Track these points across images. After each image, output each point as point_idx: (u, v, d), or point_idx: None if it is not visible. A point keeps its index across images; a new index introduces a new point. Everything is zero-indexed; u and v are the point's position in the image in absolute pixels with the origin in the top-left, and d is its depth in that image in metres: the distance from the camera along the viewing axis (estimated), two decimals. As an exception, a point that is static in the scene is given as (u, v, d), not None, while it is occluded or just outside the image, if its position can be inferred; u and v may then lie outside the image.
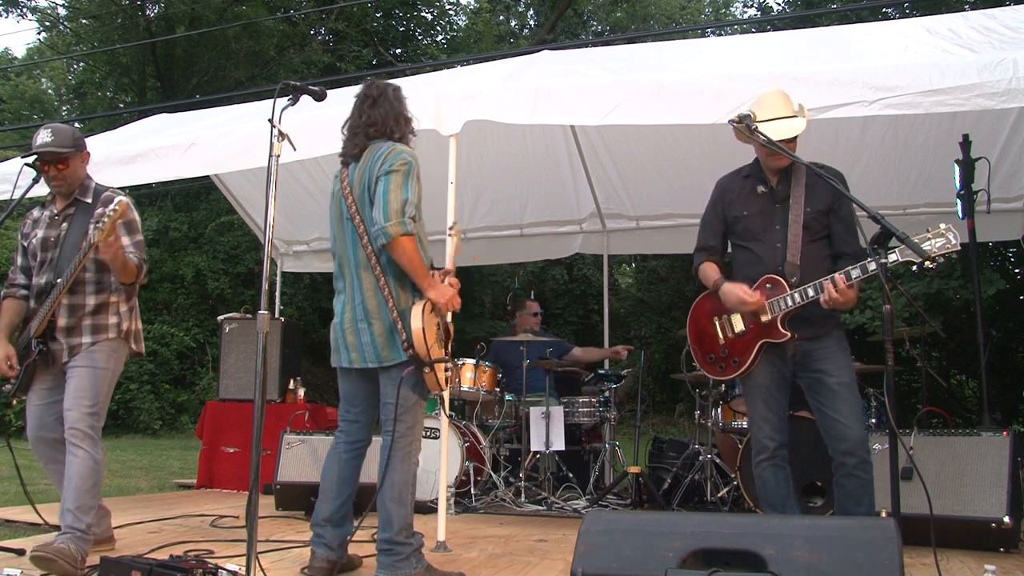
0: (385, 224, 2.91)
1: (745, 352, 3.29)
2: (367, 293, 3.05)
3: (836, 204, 3.28)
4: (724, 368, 3.38)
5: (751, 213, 3.37)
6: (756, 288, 3.26)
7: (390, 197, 2.93)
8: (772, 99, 3.23)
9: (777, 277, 3.24)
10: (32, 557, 3.00)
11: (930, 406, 5.62)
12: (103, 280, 3.42)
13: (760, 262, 3.31)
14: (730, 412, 5.07)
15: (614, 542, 2.15)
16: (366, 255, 3.04)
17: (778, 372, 3.30)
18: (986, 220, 4.87)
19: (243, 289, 14.54)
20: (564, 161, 6.32)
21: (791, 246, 3.24)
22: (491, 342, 6.52)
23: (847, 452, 3.12)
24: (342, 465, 3.20)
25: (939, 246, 2.89)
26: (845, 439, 3.13)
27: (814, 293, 3.13)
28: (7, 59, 24.27)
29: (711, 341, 3.43)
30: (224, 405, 6.27)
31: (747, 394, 3.41)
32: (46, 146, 3.36)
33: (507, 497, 5.24)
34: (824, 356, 3.22)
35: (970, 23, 3.92)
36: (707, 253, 3.51)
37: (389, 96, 3.19)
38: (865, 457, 3.12)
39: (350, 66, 17.10)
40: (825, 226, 3.29)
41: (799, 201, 3.27)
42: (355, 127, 3.17)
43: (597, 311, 16.24)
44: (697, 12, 23.97)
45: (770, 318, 3.21)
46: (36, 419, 3.42)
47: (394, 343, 3.01)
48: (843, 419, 3.14)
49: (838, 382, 3.18)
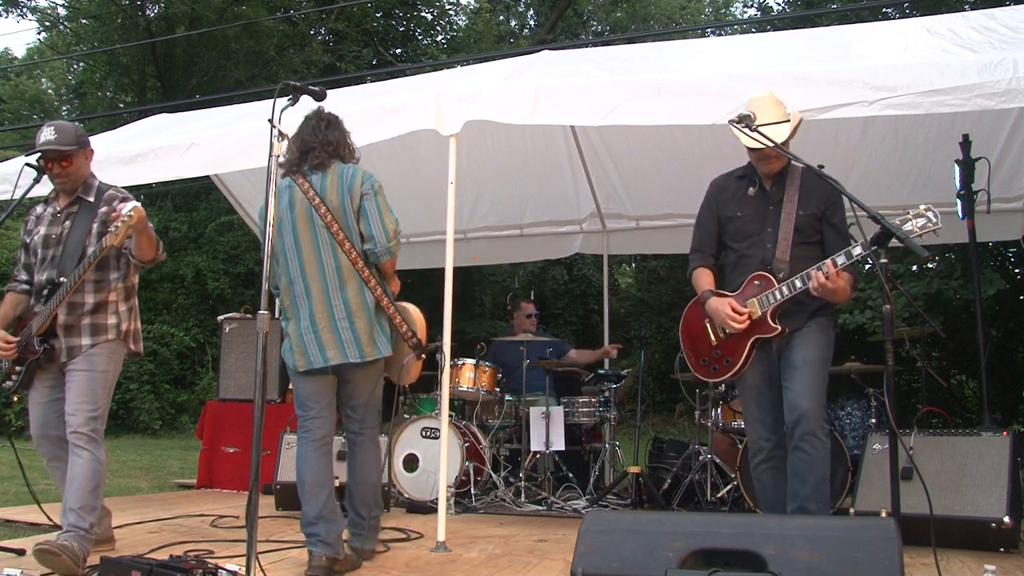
0: (389, 244, 3.29)
1: (737, 351, 3.28)
2: (351, 293, 3.26)
3: (829, 211, 3.28)
4: (717, 370, 3.36)
5: (744, 214, 3.37)
6: (745, 287, 3.27)
7: (384, 219, 3.30)
8: (760, 104, 3.19)
9: (765, 273, 3.25)
10: (36, 551, 3.01)
11: (930, 406, 5.62)
12: (103, 279, 3.42)
13: (748, 262, 3.32)
14: (730, 412, 5.07)
15: (614, 542, 2.15)
16: (350, 259, 3.26)
17: (766, 370, 3.29)
18: (986, 220, 4.87)
19: (243, 289, 14.55)
20: (564, 161, 6.31)
21: (781, 244, 3.24)
22: (491, 342, 6.52)
23: (795, 422, 3.09)
24: (315, 463, 3.32)
25: (920, 225, 2.91)
26: (794, 409, 3.10)
27: (801, 284, 3.12)
28: (7, 59, 24.28)
29: (703, 344, 3.42)
30: (224, 405, 6.27)
31: (740, 395, 3.41)
32: (50, 143, 3.36)
33: (507, 497, 5.24)
34: (799, 338, 3.22)
35: (970, 23, 3.92)
36: (701, 256, 3.51)
37: (340, 124, 3.51)
38: (813, 430, 3.07)
39: (350, 66, 17.10)
40: (817, 231, 3.29)
41: (792, 202, 3.28)
42: (312, 143, 3.39)
43: (597, 311, 16.24)
44: (697, 12, 23.96)
45: (760, 314, 3.22)
46: (39, 417, 3.44)
47: (375, 340, 3.27)
48: (795, 388, 3.12)
49: (801, 357, 3.17)
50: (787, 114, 3.19)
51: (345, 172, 3.35)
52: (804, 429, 3.07)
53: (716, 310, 3.29)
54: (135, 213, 3.10)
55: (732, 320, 3.23)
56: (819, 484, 3.09)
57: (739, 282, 3.32)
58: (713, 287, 3.39)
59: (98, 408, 3.33)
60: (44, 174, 3.47)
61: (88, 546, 3.17)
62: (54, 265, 3.37)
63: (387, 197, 3.39)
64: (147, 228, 3.27)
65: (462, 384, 5.60)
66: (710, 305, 3.32)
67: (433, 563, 3.43)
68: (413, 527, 4.24)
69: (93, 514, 3.24)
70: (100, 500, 3.36)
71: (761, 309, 3.21)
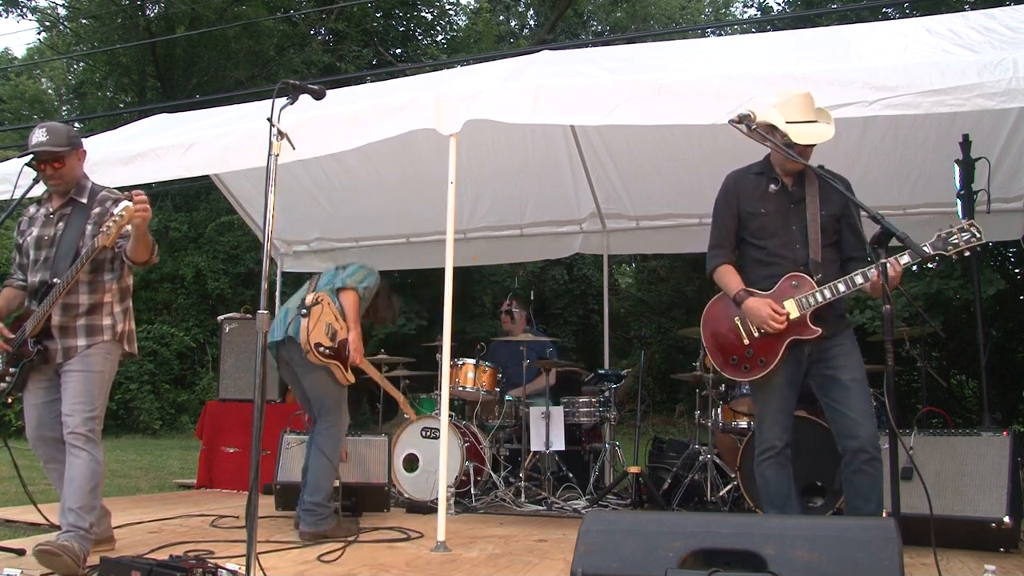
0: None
1: (772, 351, 3.24)
2: None
3: (846, 211, 3.30)
4: (749, 369, 3.30)
5: (768, 211, 3.35)
6: (780, 286, 3.25)
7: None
8: (801, 101, 3.21)
9: (802, 274, 3.23)
10: (37, 551, 3.01)
11: (930, 406, 5.61)
12: (97, 280, 3.42)
13: (779, 261, 3.29)
14: (730, 412, 5.07)
15: (614, 542, 2.15)
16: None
17: (794, 372, 3.29)
18: (986, 220, 4.81)
19: (243, 289, 14.55)
20: (564, 161, 6.31)
21: (812, 245, 3.24)
22: (491, 342, 6.51)
23: (858, 449, 3.11)
24: None
25: (965, 240, 2.97)
26: (856, 436, 3.12)
27: (845, 288, 3.13)
28: (7, 59, 24.29)
29: (733, 342, 3.34)
30: (224, 405, 6.27)
31: (761, 393, 3.34)
32: (41, 145, 3.35)
33: (507, 497, 5.24)
34: (839, 353, 3.23)
35: (970, 23, 3.92)
36: (723, 252, 3.46)
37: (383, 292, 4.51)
38: (875, 454, 3.11)
39: (350, 66, 17.09)
40: (836, 231, 3.31)
41: (815, 202, 3.28)
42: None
43: (597, 311, 16.23)
44: (697, 12, 23.97)
45: (799, 315, 3.20)
46: (35, 419, 3.43)
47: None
48: (855, 415, 3.13)
49: (851, 379, 3.18)
50: (818, 115, 3.23)
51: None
52: (869, 455, 3.10)
53: (756, 310, 3.24)
54: (126, 213, 3.09)
55: (774, 321, 3.20)
56: (880, 502, 3.13)
57: (769, 282, 3.29)
58: (743, 285, 3.35)
59: (95, 408, 3.32)
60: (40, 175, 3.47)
61: (88, 546, 3.17)
62: (47, 266, 3.37)
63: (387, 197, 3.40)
64: (146, 233, 3.26)
65: (462, 384, 5.60)
66: (748, 304, 3.27)
67: (433, 563, 3.43)
68: (413, 527, 4.25)
69: (93, 514, 3.24)
70: (99, 500, 3.35)
71: (800, 311, 3.20)
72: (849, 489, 3.19)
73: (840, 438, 3.19)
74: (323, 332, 3.99)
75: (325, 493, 4.00)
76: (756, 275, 3.36)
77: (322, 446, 4.06)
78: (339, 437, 4.16)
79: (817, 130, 3.19)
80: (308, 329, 3.95)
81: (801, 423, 4.19)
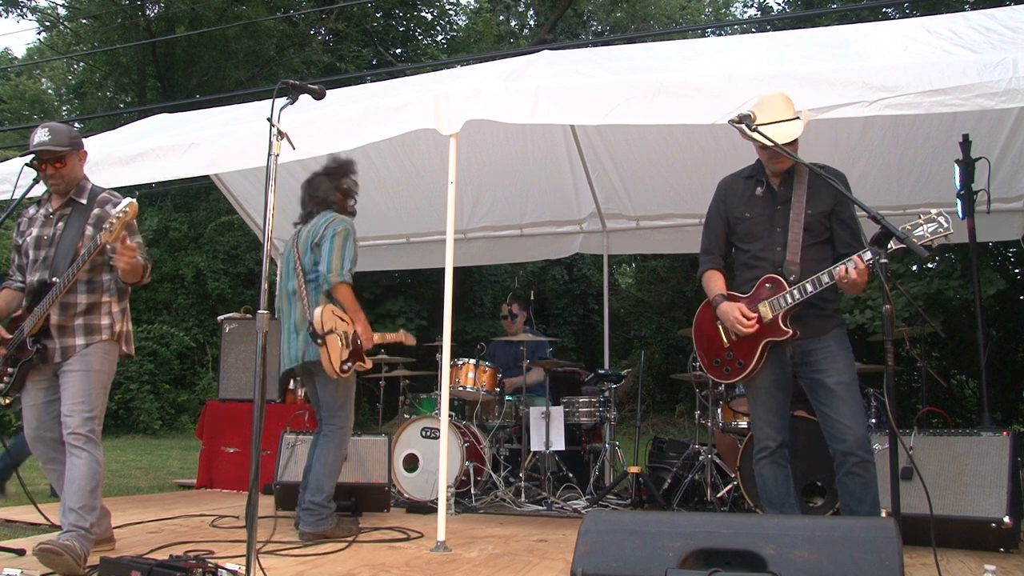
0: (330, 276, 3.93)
1: (749, 354, 3.29)
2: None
3: (838, 207, 3.28)
4: (730, 371, 3.36)
5: (753, 215, 3.37)
6: (756, 289, 3.27)
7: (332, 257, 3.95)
8: (773, 102, 3.21)
9: (776, 276, 3.25)
10: (38, 551, 3.00)
11: (930, 406, 5.62)
12: (95, 280, 3.42)
13: (760, 264, 3.32)
14: (730, 412, 5.07)
15: (614, 542, 2.15)
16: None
17: (779, 373, 3.30)
18: (986, 220, 4.86)
19: (243, 289, 14.55)
20: (564, 161, 6.31)
21: (791, 245, 3.24)
22: (491, 342, 6.51)
23: (847, 452, 3.13)
24: None
25: (931, 231, 2.89)
26: (844, 439, 3.13)
27: (812, 288, 3.13)
28: (7, 59, 24.27)
29: (716, 346, 3.42)
30: (224, 405, 6.27)
31: (749, 395, 3.41)
32: (43, 145, 3.35)
33: (507, 497, 5.24)
34: (824, 356, 3.23)
35: (970, 23, 3.91)
36: (711, 258, 3.51)
37: (338, 171, 4.33)
38: (865, 456, 3.12)
39: (350, 66, 17.11)
40: (827, 228, 3.29)
41: (800, 201, 3.28)
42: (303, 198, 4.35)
43: (597, 311, 16.24)
44: (697, 12, 23.97)
45: (771, 317, 3.22)
46: (34, 419, 3.43)
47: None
48: (842, 418, 3.14)
49: (837, 382, 3.18)
50: (796, 112, 3.20)
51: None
52: (858, 457, 3.11)
53: (725, 314, 3.31)
54: (130, 209, 3.10)
55: (740, 324, 3.24)
56: (875, 502, 3.14)
57: (749, 285, 3.32)
58: (724, 290, 3.40)
59: (95, 408, 3.32)
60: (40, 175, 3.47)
61: (89, 546, 3.18)
62: (46, 266, 3.37)
63: (387, 197, 3.41)
64: (134, 262, 3.23)
65: (462, 384, 5.60)
66: (721, 309, 3.34)
67: (433, 563, 3.43)
68: (413, 527, 4.25)
69: (93, 514, 3.24)
70: (99, 500, 3.35)
71: (772, 312, 3.22)
72: (843, 491, 3.20)
73: (829, 441, 3.21)
74: (341, 348, 3.89)
75: (326, 493, 4.00)
76: (741, 278, 3.39)
77: (328, 446, 4.05)
78: (345, 438, 4.14)
79: (782, 129, 3.14)
80: (330, 358, 3.83)
81: (800, 423, 4.20)
